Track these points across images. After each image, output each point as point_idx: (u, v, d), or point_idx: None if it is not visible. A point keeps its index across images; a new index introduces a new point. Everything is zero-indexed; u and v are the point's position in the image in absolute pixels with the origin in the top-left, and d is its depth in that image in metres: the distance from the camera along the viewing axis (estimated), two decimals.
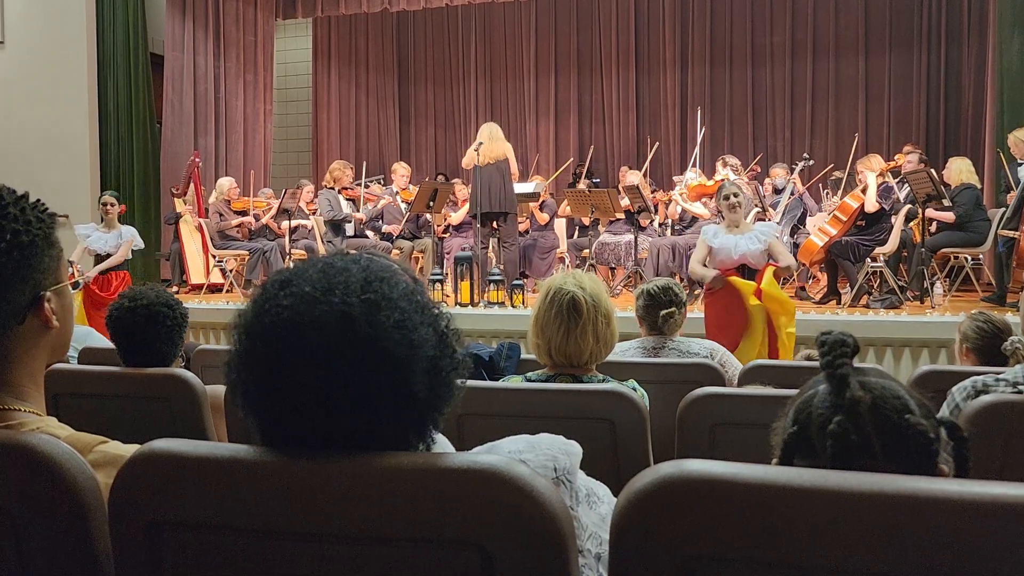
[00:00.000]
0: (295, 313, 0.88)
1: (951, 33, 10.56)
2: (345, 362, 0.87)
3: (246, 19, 10.26)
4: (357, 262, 0.93)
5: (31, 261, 1.13)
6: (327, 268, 0.92)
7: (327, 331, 0.87)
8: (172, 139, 9.62)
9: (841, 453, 0.93)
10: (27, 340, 1.17)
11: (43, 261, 1.15)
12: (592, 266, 7.75)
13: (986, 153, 8.14)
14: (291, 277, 0.92)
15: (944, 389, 2.16)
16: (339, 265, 0.93)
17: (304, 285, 0.89)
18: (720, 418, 2.12)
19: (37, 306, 1.15)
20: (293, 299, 0.89)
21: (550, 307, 2.15)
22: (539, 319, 2.19)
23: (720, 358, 3.24)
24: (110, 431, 1.22)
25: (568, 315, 2.13)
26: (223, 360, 0.95)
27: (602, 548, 0.99)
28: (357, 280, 0.91)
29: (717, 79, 11.56)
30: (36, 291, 1.15)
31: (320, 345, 0.87)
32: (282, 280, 0.92)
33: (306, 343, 0.87)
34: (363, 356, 0.87)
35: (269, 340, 0.88)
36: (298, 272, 0.92)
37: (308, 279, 0.90)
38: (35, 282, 1.15)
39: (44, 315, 1.16)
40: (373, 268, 0.93)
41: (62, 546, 1.00)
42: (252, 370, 0.90)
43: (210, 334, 7.21)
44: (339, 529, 0.85)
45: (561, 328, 2.14)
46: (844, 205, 6.63)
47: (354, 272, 0.91)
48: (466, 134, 12.45)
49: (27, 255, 1.13)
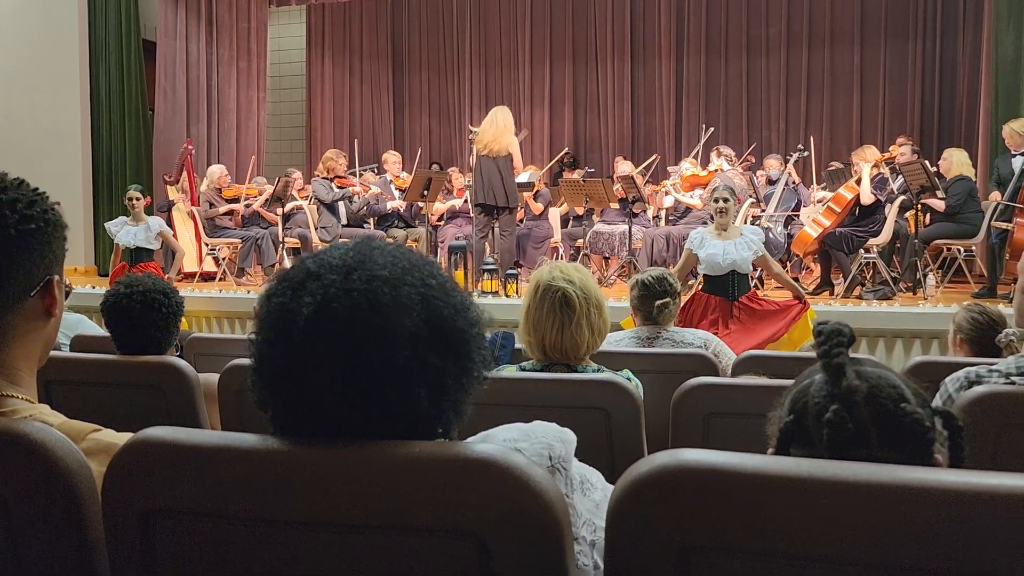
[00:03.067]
0: (377, 295, 0.87)
1: (946, 24, 10.56)
2: (426, 342, 0.88)
3: (239, 6, 10.19)
4: (399, 248, 0.95)
5: (52, 242, 1.17)
6: (384, 251, 0.92)
7: (414, 312, 0.88)
8: (165, 127, 9.57)
9: (837, 442, 0.93)
10: (28, 322, 1.17)
11: (61, 246, 1.19)
12: (586, 256, 7.75)
13: (980, 144, 8.16)
14: (352, 262, 0.90)
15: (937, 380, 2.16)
16: (391, 249, 0.93)
17: (376, 268, 0.89)
18: (714, 408, 2.13)
19: (47, 288, 1.17)
20: (369, 283, 0.88)
21: (541, 304, 2.12)
22: (530, 316, 2.15)
23: (714, 348, 3.24)
24: (103, 419, 1.21)
25: (561, 311, 2.10)
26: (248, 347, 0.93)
27: (597, 535, 0.99)
28: (420, 264, 0.92)
29: (712, 69, 11.54)
30: (48, 273, 1.17)
31: (407, 326, 0.87)
32: (337, 265, 0.90)
33: (392, 325, 0.87)
34: (444, 335, 0.89)
35: (349, 324, 0.86)
36: (355, 256, 0.91)
37: (375, 262, 0.90)
38: (48, 264, 1.17)
39: (51, 297, 1.18)
40: (416, 254, 0.95)
41: (55, 535, 0.99)
42: (315, 359, 0.87)
43: (203, 322, 7.19)
44: (334, 517, 0.85)
45: (555, 324, 2.11)
46: (838, 196, 6.64)
47: (410, 257, 0.93)
48: (460, 123, 12.41)
49: (50, 234, 1.16)
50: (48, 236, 1.16)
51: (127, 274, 2.43)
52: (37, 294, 1.16)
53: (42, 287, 1.17)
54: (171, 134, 9.51)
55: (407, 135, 12.92)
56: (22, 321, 1.16)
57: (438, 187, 7.69)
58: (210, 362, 2.96)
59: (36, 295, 1.16)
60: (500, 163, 6.88)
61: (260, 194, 8.53)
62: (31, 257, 1.14)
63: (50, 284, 1.17)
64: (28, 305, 1.16)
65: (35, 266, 1.15)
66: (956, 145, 8.03)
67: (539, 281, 2.16)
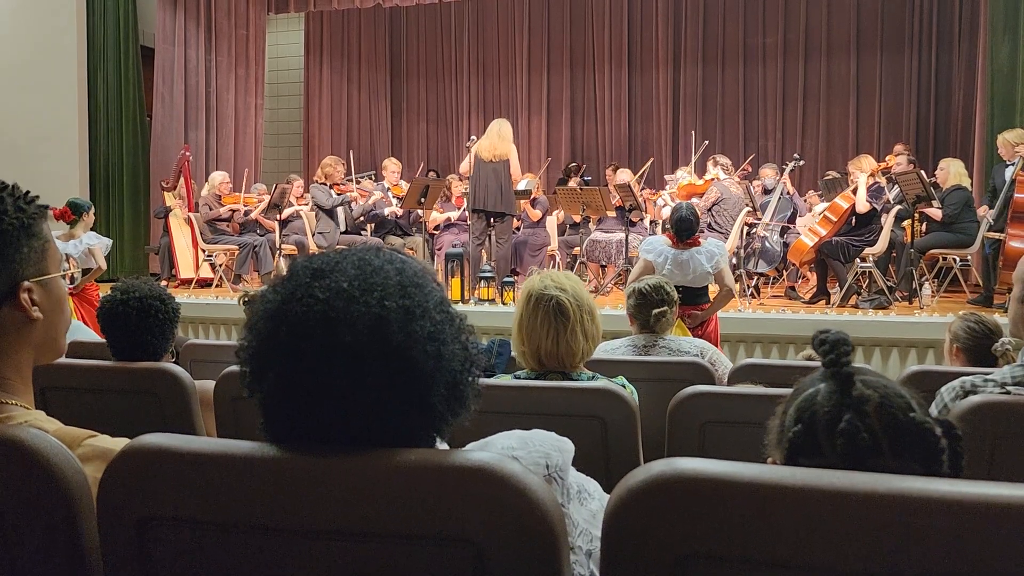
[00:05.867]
0: (329, 308, 0.86)
1: (942, 35, 10.61)
2: (372, 366, 0.85)
3: (238, 13, 10.21)
4: (392, 262, 0.92)
5: (5, 251, 1.12)
6: (363, 265, 0.90)
7: (360, 332, 0.85)
8: (162, 133, 9.57)
9: (852, 451, 0.92)
10: (9, 332, 1.15)
11: (20, 251, 1.14)
12: (583, 264, 7.75)
13: (976, 154, 8.18)
14: (325, 268, 0.90)
15: (933, 389, 2.17)
16: (376, 263, 0.91)
17: (341, 280, 0.88)
18: (710, 416, 2.12)
19: (14, 296, 1.14)
20: (329, 293, 0.87)
21: (534, 313, 2.12)
22: (524, 325, 2.15)
23: (710, 357, 3.24)
24: (99, 425, 1.21)
25: (555, 319, 2.10)
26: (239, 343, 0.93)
27: (593, 545, 0.99)
28: (394, 283, 0.89)
29: (709, 78, 11.58)
30: (13, 281, 1.13)
31: (350, 345, 0.85)
32: (315, 269, 0.90)
33: (336, 341, 0.85)
34: (391, 363, 0.86)
35: (297, 330, 0.86)
36: (333, 264, 0.90)
37: (345, 274, 0.88)
38: (11, 272, 1.13)
39: (22, 305, 1.14)
40: (407, 272, 0.91)
41: (50, 541, 0.99)
42: (271, 358, 0.88)
43: (199, 329, 7.18)
44: (330, 525, 0.84)
45: (550, 333, 2.11)
46: (834, 205, 6.65)
47: (391, 274, 0.90)
48: (458, 130, 12.43)
49: (1, 244, 1.12)
50: (3, 244, 1.11)
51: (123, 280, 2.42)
52: (8, 305, 1.13)
53: (10, 297, 1.13)
54: (169, 140, 9.51)
55: (404, 142, 12.94)
56: (1, 335, 1.14)
57: (435, 195, 7.69)
58: (206, 369, 2.95)
59: (7, 306, 1.13)
60: (498, 169, 6.89)
61: (259, 203, 8.53)
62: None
63: (15, 292, 1.14)
64: (1, 317, 1.13)
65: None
66: (951, 155, 8.05)
67: (531, 291, 2.16)
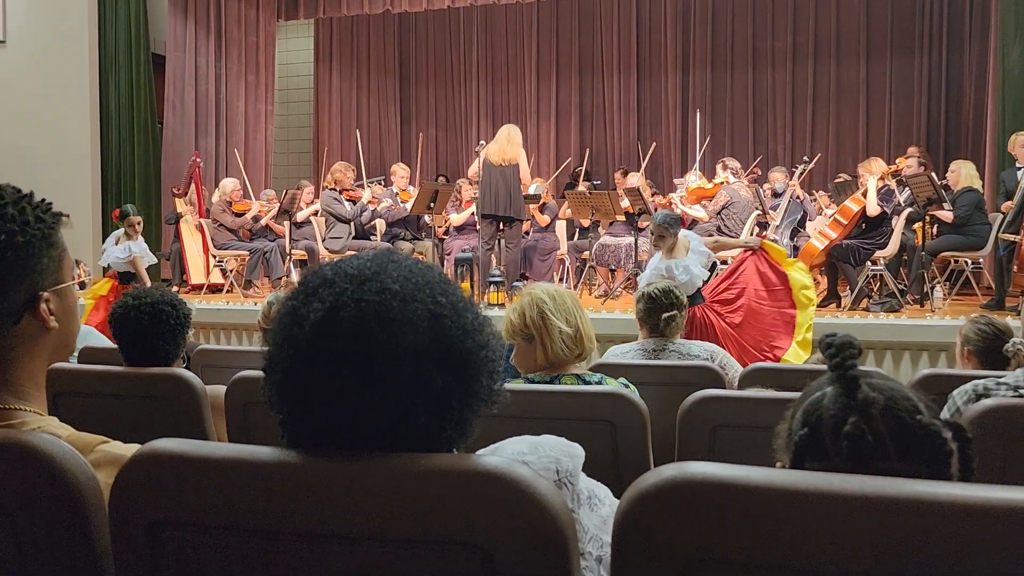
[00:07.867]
0: (387, 308, 0.87)
1: (952, 37, 10.57)
2: (431, 361, 0.87)
3: (248, 20, 10.26)
4: (418, 262, 0.94)
5: (28, 262, 1.13)
6: (401, 266, 0.91)
7: (422, 330, 0.87)
8: (173, 139, 9.62)
9: (857, 455, 0.92)
10: (26, 340, 1.16)
11: (41, 262, 1.15)
12: (592, 268, 7.75)
13: (987, 157, 8.14)
14: (366, 272, 0.90)
15: (944, 393, 2.16)
16: (409, 263, 0.92)
17: (389, 282, 0.88)
18: (721, 420, 2.12)
19: (34, 307, 1.15)
20: (382, 295, 0.87)
21: (517, 344, 2.24)
22: (520, 352, 2.25)
23: (720, 360, 3.24)
24: (110, 431, 1.22)
25: (525, 340, 2.21)
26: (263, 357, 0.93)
27: (603, 551, 0.99)
28: (437, 280, 0.91)
29: (718, 82, 11.56)
30: (33, 291, 1.15)
31: (413, 344, 0.86)
32: (352, 275, 0.89)
33: (398, 341, 0.86)
34: (450, 356, 0.88)
35: (356, 335, 0.86)
36: (369, 267, 0.90)
37: (389, 275, 0.89)
38: (32, 283, 1.14)
39: (41, 315, 1.15)
40: (436, 270, 0.94)
41: (62, 546, 0.99)
42: (319, 365, 0.87)
43: (210, 334, 7.20)
44: (341, 529, 0.85)
45: (529, 350, 2.21)
46: (844, 208, 6.63)
47: (427, 272, 0.92)
48: (467, 136, 12.45)
49: (23, 256, 1.12)
50: (22, 259, 1.12)
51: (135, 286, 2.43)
52: (27, 315, 1.15)
53: (30, 308, 1.15)
54: (179, 147, 9.55)
55: (414, 148, 12.97)
56: (18, 343, 1.15)
57: (445, 199, 7.70)
58: (217, 374, 2.96)
59: (26, 316, 1.15)
60: (507, 173, 6.90)
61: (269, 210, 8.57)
62: (2, 287, 1.11)
63: (36, 302, 1.15)
64: (19, 330, 1.15)
65: (11, 292, 1.12)
66: (962, 158, 8.01)
67: (505, 331, 2.25)
